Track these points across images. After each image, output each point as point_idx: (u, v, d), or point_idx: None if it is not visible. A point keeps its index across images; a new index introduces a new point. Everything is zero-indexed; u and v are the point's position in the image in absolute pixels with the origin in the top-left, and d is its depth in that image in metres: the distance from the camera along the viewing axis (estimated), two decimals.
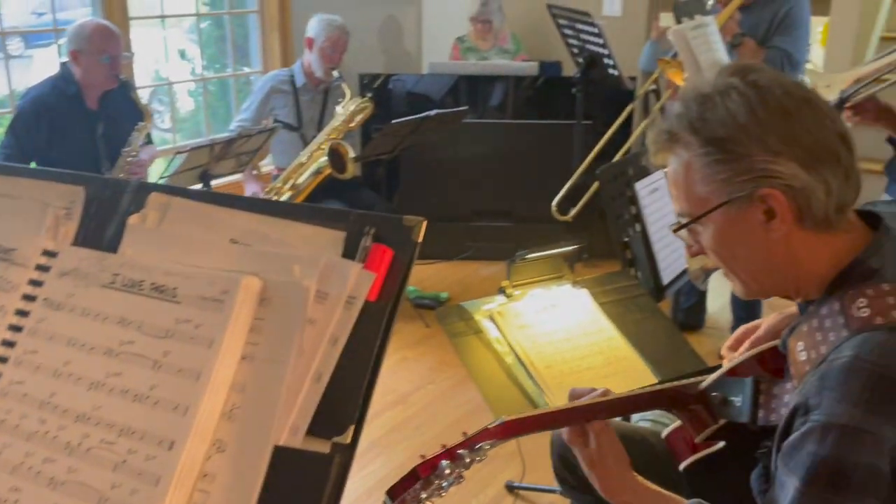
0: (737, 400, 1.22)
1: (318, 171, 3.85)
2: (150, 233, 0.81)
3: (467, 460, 1.14)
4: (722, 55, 2.90)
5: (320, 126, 4.06)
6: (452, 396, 3.35)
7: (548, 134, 4.61)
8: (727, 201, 1.09)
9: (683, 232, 1.18)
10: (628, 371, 1.78)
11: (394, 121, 3.65)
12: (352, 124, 3.92)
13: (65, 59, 3.25)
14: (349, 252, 0.74)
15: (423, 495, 1.10)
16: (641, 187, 2.19)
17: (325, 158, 3.81)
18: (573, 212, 3.49)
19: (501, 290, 1.88)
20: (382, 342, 0.70)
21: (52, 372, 0.76)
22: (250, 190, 3.91)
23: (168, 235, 0.80)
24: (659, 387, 1.32)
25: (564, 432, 1.23)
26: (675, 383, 1.31)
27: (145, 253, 0.80)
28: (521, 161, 4.64)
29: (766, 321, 1.36)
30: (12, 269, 0.82)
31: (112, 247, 0.83)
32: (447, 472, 1.10)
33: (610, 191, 2.15)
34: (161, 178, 2.96)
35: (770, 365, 1.22)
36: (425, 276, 4.56)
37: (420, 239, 0.75)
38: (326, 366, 0.70)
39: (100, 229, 0.85)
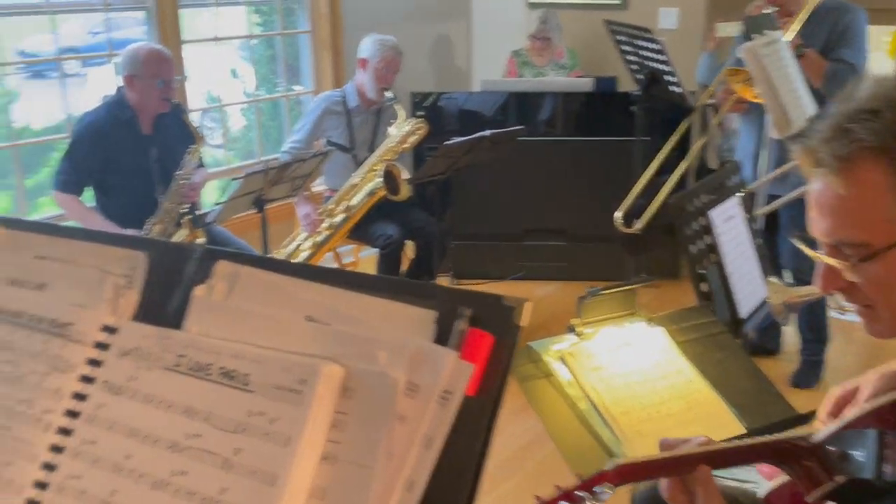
0: (858, 454, 1.10)
1: (371, 193, 3.79)
2: (217, 307, 0.73)
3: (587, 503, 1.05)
4: (794, 71, 2.76)
5: (373, 147, 4.01)
6: (505, 427, 3.25)
7: (603, 151, 4.49)
8: None
9: (830, 259, 1.05)
10: (711, 417, 1.66)
11: (447, 142, 3.57)
12: (405, 145, 3.87)
13: (120, 83, 3.25)
14: (441, 336, 0.65)
15: None
16: (716, 215, 2.07)
17: (379, 180, 3.76)
18: (638, 224, 3.36)
19: (571, 329, 1.77)
20: (484, 445, 0.61)
21: (113, 466, 0.69)
22: (302, 211, 3.87)
23: (237, 311, 0.72)
24: (767, 438, 1.20)
25: (665, 488, 1.12)
26: (784, 435, 1.19)
27: (212, 330, 0.72)
28: (576, 179, 4.53)
29: (866, 380, 1.24)
30: (69, 347, 0.75)
31: (176, 321, 0.75)
32: None
33: (683, 219, 2.03)
34: (217, 203, 2.93)
35: (891, 419, 1.10)
36: None
37: (524, 322, 0.66)
38: (420, 472, 0.61)
39: (163, 301, 0.77)
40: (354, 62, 3.97)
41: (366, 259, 4.51)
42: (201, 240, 3.19)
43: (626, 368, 1.71)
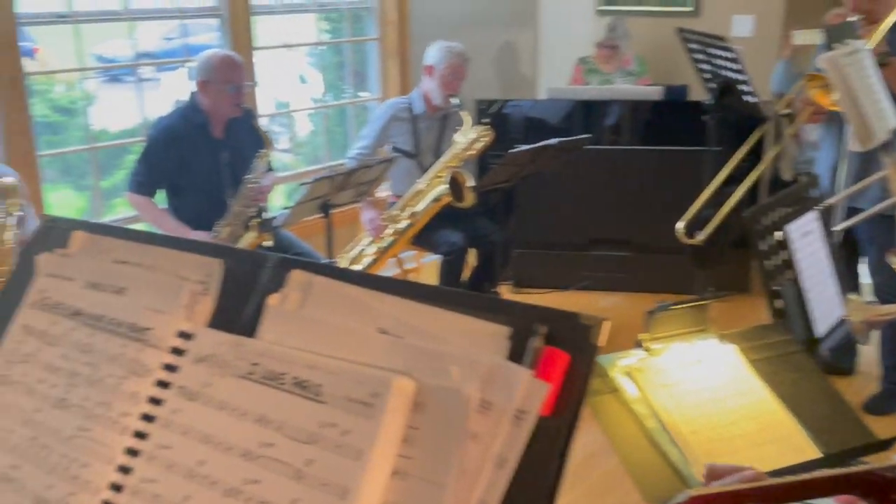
0: None
1: (436, 199, 3.80)
2: (290, 316, 0.74)
3: None
4: (877, 82, 2.66)
5: (438, 153, 4.02)
6: None
7: (672, 161, 4.41)
8: None
9: None
10: (785, 440, 1.60)
11: (513, 150, 3.56)
12: (471, 152, 3.86)
13: (193, 88, 3.33)
14: (516, 353, 0.64)
15: None
16: (793, 230, 2.00)
17: (444, 186, 3.76)
18: (701, 235, 3.28)
19: (639, 344, 1.73)
20: (559, 468, 0.59)
21: (187, 472, 0.69)
22: (367, 216, 3.90)
23: (310, 320, 0.72)
24: (850, 469, 1.14)
25: None
26: (869, 466, 1.13)
27: (286, 340, 0.72)
28: (642, 188, 4.46)
29: None
30: (147, 352, 0.76)
31: (249, 328, 0.76)
32: None
33: (758, 234, 1.97)
34: (284, 208, 2.97)
35: None
36: None
37: (601, 342, 0.64)
38: (492, 493, 0.60)
39: (237, 308, 0.78)
40: (421, 69, 3.99)
41: (428, 265, 4.52)
42: (268, 243, 3.24)
43: (697, 386, 1.67)
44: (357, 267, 3.94)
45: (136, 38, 3.74)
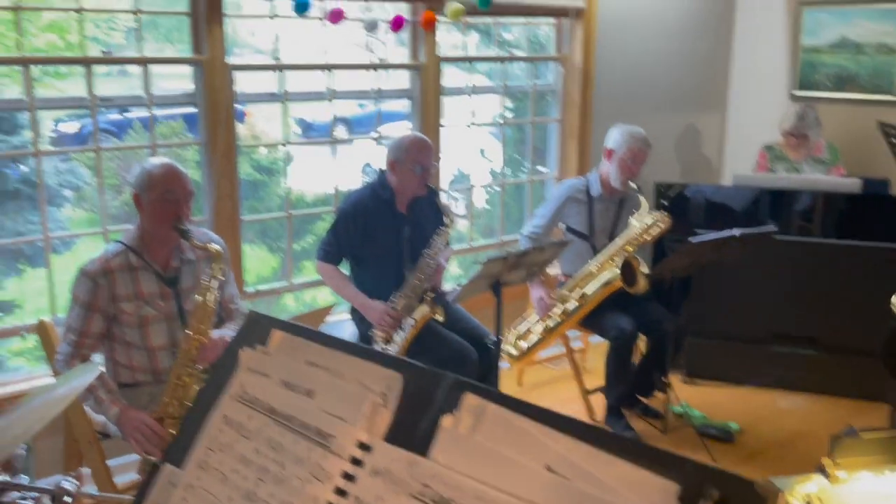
0: None
1: (607, 283, 3.76)
2: (462, 440, 0.77)
3: None
4: None
5: (612, 235, 3.99)
6: None
7: (868, 257, 4.10)
8: None
9: None
10: None
11: (693, 238, 3.47)
12: (646, 237, 3.81)
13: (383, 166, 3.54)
14: None
15: None
16: None
17: (616, 271, 3.72)
18: None
19: (821, 469, 1.62)
20: None
21: None
22: (536, 294, 3.92)
23: (481, 447, 0.75)
24: None
25: None
26: None
27: (456, 463, 0.75)
28: (833, 284, 4.16)
29: None
30: (329, 459, 0.82)
31: (422, 446, 0.80)
32: None
33: None
34: (457, 286, 3.05)
35: None
36: (714, 401, 4.21)
37: None
38: None
39: (413, 424, 0.82)
40: (600, 149, 4.01)
41: (595, 345, 4.45)
42: (439, 317, 3.34)
43: None
44: (523, 343, 3.96)
45: (332, 103, 4.02)
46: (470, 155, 5.84)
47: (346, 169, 4.09)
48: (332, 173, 4.04)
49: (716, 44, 5.42)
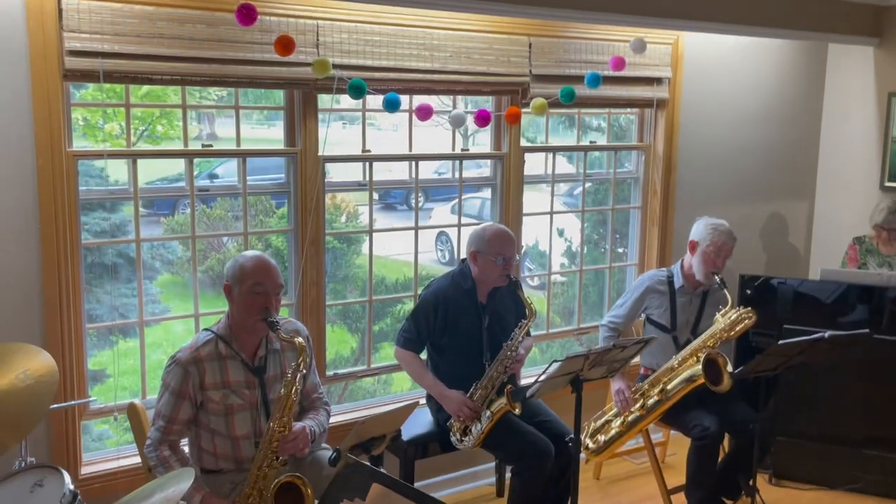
0: None
1: (690, 380, 3.68)
2: None
3: None
4: None
5: (695, 330, 3.92)
6: None
7: None
8: None
9: None
10: None
11: (782, 342, 3.37)
12: (731, 333, 3.72)
13: (464, 256, 3.59)
14: None
15: None
16: None
17: (698, 367, 3.64)
18: None
19: None
20: None
21: None
22: (616, 386, 3.86)
23: None
24: None
25: None
26: None
27: None
28: None
29: None
30: None
31: None
32: None
33: None
34: (537, 381, 3.04)
35: None
36: None
37: None
38: None
39: None
40: (682, 238, 3.97)
41: (676, 438, 4.31)
42: (517, 411, 3.32)
43: None
44: (601, 437, 3.88)
45: (412, 166, 4.07)
46: (549, 237, 5.86)
47: (424, 237, 4.12)
48: (410, 241, 4.08)
49: (803, 132, 5.35)
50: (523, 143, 4.22)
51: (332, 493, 1.06)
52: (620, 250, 5.01)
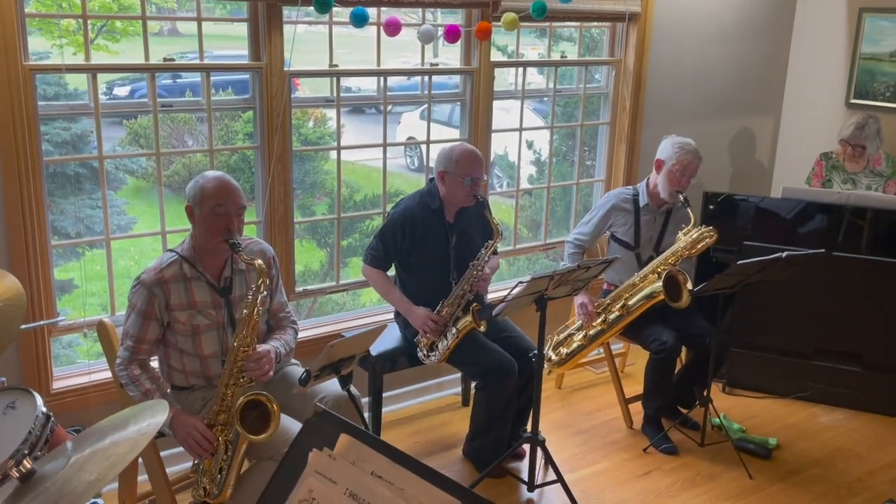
0: None
1: (650, 296, 3.79)
2: None
3: None
4: None
5: (657, 247, 4.00)
6: None
7: None
8: None
9: None
10: None
11: (740, 262, 3.47)
12: (692, 251, 3.81)
13: (432, 176, 3.59)
14: None
15: None
16: None
17: (659, 284, 3.74)
18: None
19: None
20: None
21: None
22: (579, 300, 3.96)
23: None
24: None
25: None
26: None
27: None
28: (882, 302, 4.13)
29: None
30: None
31: None
32: None
33: None
34: (503, 301, 3.11)
35: None
36: (754, 413, 4.24)
37: None
38: None
39: None
40: (649, 154, 4.00)
41: (636, 349, 4.45)
42: (483, 328, 3.40)
43: None
44: (563, 350, 4.01)
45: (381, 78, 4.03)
46: (518, 153, 5.85)
47: (392, 139, 4.08)
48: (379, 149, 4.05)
49: (773, 48, 5.32)
50: (495, 56, 4.15)
51: (301, 441, 1.10)
52: (589, 163, 5.03)
